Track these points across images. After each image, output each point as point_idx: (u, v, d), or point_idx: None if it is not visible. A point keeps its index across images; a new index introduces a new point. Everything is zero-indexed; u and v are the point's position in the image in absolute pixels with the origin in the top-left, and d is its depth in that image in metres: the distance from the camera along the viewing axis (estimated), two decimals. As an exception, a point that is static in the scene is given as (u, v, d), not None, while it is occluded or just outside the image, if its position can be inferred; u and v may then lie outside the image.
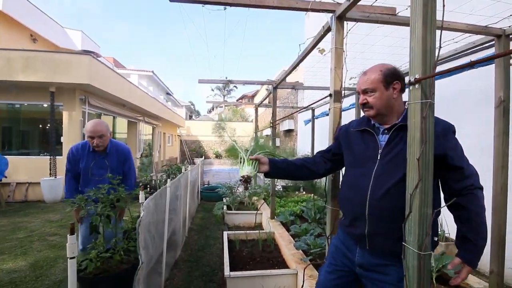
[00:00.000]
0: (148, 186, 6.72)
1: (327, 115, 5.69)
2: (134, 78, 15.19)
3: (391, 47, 3.99)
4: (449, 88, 3.25)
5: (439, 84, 3.04)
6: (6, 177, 6.02)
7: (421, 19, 0.92)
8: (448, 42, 2.55)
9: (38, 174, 6.49)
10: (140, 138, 11.70)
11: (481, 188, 1.06)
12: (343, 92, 1.71)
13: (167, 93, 23.66)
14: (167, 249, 2.56)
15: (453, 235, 2.92)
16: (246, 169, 1.35)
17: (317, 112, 6.58)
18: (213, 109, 43.61)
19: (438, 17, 0.94)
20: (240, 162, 1.39)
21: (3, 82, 6.02)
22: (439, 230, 1.13)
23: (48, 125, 7.04)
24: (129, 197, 2.18)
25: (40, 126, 9.10)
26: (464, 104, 3.11)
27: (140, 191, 1.89)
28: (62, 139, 6.70)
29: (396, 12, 1.93)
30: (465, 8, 2.99)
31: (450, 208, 1.06)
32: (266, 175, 1.37)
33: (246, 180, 1.34)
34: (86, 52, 6.90)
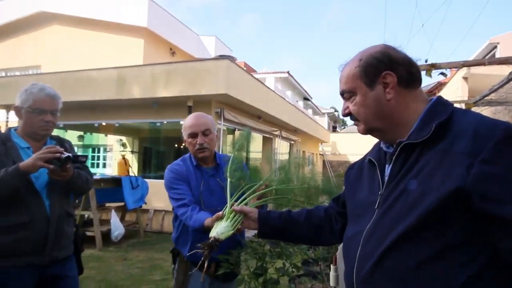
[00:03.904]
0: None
1: None
2: (270, 82, 16.52)
3: None
4: None
5: None
6: (146, 203, 7.46)
7: None
8: None
9: (174, 201, 7.72)
10: (276, 158, 12.29)
11: None
12: None
13: (305, 98, 24.61)
14: None
15: None
16: (220, 227, 1.37)
17: None
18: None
19: None
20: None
21: (148, 99, 7.65)
22: None
23: (183, 144, 8.32)
24: None
25: (176, 145, 11.21)
26: None
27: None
28: (197, 161, 7.74)
29: None
30: None
31: None
32: (258, 234, 1.41)
33: (210, 245, 1.32)
34: (222, 57, 7.84)
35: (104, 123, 8.99)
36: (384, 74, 1.03)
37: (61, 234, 1.91)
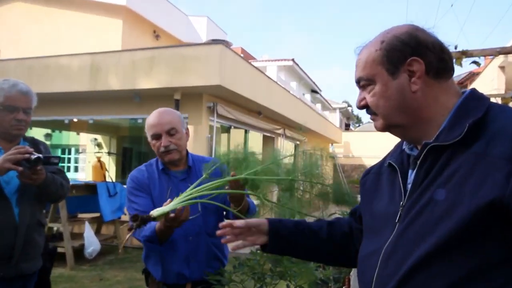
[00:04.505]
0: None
1: None
2: (271, 71, 16.59)
3: None
4: None
5: None
6: (125, 213, 7.48)
7: None
8: None
9: (158, 211, 7.78)
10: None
11: None
12: None
13: (313, 91, 24.67)
14: None
15: None
16: (161, 208, 1.56)
17: None
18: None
19: None
20: None
21: (128, 91, 7.68)
22: None
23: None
24: None
25: (161, 145, 11.23)
26: None
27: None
28: (185, 164, 7.80)
29: None
30: None
31: None
32: (268, 248, 1.38)
33: (135, 218, 1.49)
34: (215, 42, 7.87)
35: (75, 120, 9.00)
36: (410, 60, 1.02)
37: (30, 244, 2.04)
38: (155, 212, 1.50)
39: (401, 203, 1.05)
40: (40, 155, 1.91)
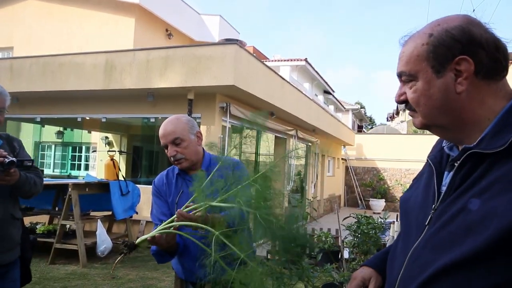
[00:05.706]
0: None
1: None
2: (284, 71, 16.65)
3: None
4: None
5: None
6: (137, 212, 7.63)
7: None
8: None
9: (169, 211, 7.88)
10: (290, 162, 12.38)
11: None
12: None
13: (326, 92, 24.67)
14: None
15: None
16: (144, 235, 1.67)
17: None
18: (398, 113, 42.02)
19: None
20: None
21: (141, 90, 7.81)
22: None
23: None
24: None
25: (172, 145, 11.37)
26: None
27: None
28: (197, 164, 7.89)
29: None
30: None
31: None
32: None
33: (124, 244, 1.71)
34: (229, 41, 7.96)
35: (88, 118, 9.15)
36: (459, 59, 0.96)
37: (4, 237, 2.20)
38: (138, 240, 1.65)
39: (434, 206, 1.03)
40: (14, 159, 2.05)
